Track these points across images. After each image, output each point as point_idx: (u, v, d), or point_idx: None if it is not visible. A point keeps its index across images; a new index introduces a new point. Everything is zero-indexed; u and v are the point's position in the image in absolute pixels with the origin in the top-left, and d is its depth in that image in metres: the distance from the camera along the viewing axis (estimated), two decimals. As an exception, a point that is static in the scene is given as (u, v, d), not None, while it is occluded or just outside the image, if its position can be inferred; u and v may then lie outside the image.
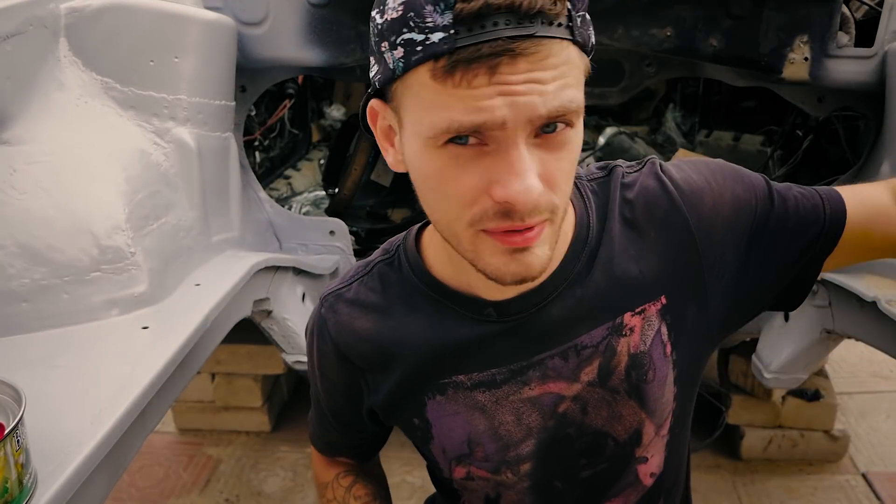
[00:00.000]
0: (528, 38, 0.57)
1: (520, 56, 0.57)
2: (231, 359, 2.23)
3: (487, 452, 0.83)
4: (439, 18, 0.57)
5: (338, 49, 1.63)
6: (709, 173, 0.80)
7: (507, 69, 0.57)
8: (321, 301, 0.87)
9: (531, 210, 0.61)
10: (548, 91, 0.58)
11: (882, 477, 2.07)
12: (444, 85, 0.58)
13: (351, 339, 0.84)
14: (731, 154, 2.52)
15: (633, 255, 0.78)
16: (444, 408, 0.82)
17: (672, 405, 0.83)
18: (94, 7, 1.22)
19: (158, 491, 2.11)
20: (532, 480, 0.84)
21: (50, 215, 1.05)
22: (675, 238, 0.78)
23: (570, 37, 0.59)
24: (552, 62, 0.58)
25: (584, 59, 0.63)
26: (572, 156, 0.64)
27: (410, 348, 0.81)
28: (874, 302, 1.20)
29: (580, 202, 0.80)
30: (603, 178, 0.82)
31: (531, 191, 0.60)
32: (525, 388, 0.80)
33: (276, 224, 1.81)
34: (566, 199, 0.66)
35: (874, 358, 2.62)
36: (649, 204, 0.78)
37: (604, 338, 0.78)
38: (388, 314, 0.83)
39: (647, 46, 1.59)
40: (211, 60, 1.43)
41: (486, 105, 0.58)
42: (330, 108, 2.80)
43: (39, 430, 0.72)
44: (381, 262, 0.85)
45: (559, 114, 0.59)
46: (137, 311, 1.09)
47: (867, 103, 1.60)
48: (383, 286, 0.84)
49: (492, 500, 0.88)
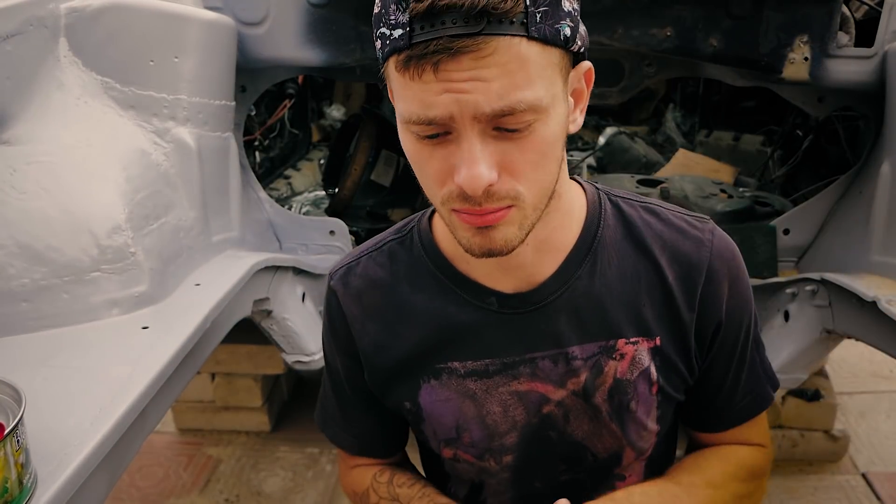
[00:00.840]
0: (470, 37, 0.59)
1: (462, 54, 0.59)
2: (231, 359, 2.23)
3: (474, 438, 0.85)
4: (401, 16, 0.61)
5: (338, 49, 1.63)
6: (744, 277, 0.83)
7: (450, 66, 0.60)
8: (330, 276, 0.90)
9: (484, 196, 0.65)
10: (491, 90, 0.60)
11: (882, 477, 2.07)
12: (404, 78, 0.63)
13: (359, 311, 0.86)
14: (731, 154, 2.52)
15: (644, 289, 0.80)
16: (437, 393, 0.84)
17: (653, 439, 0.85)
18: (94, 7, 1.22)
19: (158, 491, 2.11)
20: (513, 473, 0.87)
21: (50, 215, 1.05)
22: (686, 296, 0.80)
23: (522, 33, 0.60)
24: (497, 60, 0.60)
25: (550, 54, 0.63)
26: (539, 146, 0.65)
27: (412, 327, 0.84)
28: (874, 302, 1.20)
29: (594, 210, 0.81)
30: (643, 205, 0.84)
31: (478, 179, 0.63)
32: (514, 382, 0.82)
33: (276, 224, 1.81)
34: (539, 187, 0.68)
35: (874, 358, 2.62)
36: (681, 254, 0.80)
37: (594, 354, 0.80)
38: (393, 291, 0.85)
39: (647, 46, 1.59)
40: (211, 60, 1.43)
41: (434, 101, 0.62)
42: (330, 108, 2.80)
43: (39, 430, 0.72)
44: (393, 241, 0.87)
45: (506, 113, 0.61)
46: (137, 311, 1.09)
47: (867, 103, 1.60)
48: (391, 263, 0.86)
49: (476, 486, 0.90)
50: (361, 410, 0.94)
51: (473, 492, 0.91)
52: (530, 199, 0.68)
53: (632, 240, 0.81)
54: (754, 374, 0.88)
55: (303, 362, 1.56)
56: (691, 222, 0.82)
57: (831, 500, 1.99)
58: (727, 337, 0.83)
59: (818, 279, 1.43)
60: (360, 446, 0.97)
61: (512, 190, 0.66)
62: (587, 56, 0.73)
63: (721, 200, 1.98)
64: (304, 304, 1.59)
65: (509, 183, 0.66)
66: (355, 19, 1.61)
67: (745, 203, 1.95)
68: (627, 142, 2.64)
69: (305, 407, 2.44)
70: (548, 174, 0.69)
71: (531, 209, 0.69)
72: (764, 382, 0.89)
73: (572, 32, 0.64)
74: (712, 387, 0.86)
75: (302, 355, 1.55)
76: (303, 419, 2.37)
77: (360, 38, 1.62)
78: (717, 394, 0.87)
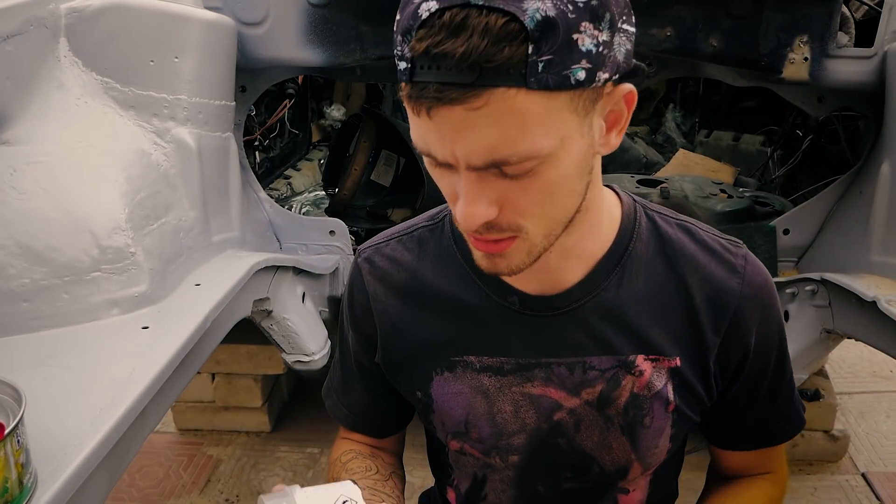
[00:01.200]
0: (462, 87, 0.56)
1: (454, 104, 0.57)
2: (231, 359, 2.22)
3: (482, 435, 0.85)
4: (406, 50, 0.59)
5: (338, 49, 1.63)
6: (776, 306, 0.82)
7: (443, 113, 0.58)
8: (358, 252, 0.90)
9: (485, 228, 0.65)
10: (482, 143, 0.58)
11: (882, 477, 2.07)
12: (410, 109, 0.62)
13: (381, 291, 0.86)
14: (731, 154, 2.52)
15: (669, 307, 0.79)
16: (449, 385, 0.84)
17: (663, 456, 0.85)
18: (94, 7, 1.22)
19: (158, 491, 2.11)
20: (517, 473, 0.87)
21: (50, 215, 1.05)
22: (712, 319, 0.79)
23: (520, 84, 0.56)
24: (489, 111, 0.57)
25: (556, 100, 0.58)
26: (544, 186, 0.63)
27: (432, 315, 0.84)
28: (874, 302, 1.20)
29: (628, 222, 0.80)
30: (679, 223, 0.82)
31: (472, 218, 0.63)
32: (528, 384, 0.82)
33: (276, 224, 1.80)
34: (548, 222, 0.67)
35: (874, 358, 2.61)
36: (712, 277, 0.79)
37: (612, 367, 0.79)
38: (418, 276, 0.85)
39: (646, 46, 1.58)
40: (211, 60, 1.43)
41: (431, 140, 0.61)
42: (330, 108, 2.80)
43: (39, 430, 0.72)
44: (424, 228, 0.87)
45: (499, 164, 0.60)
46: (137, 311, 1.09)
47: (867, 103, 1.60)
48: (420, 248, 0.86)
49: (479, 480, 0.90)
50: (361, 387, 0.95)
51: (476, 486, 0.91)
52: (537, 230, 0.66)
53: (663, 257, 0.79)
54: (782, 403, 0.87)
55: (303, 362, 1.56)
56: (725, 246, 0.81)
57: (831, 500, 1.99)
58: (755, 364, 0.82)
59: (818, 279, 1.43)
60: (353, 421, 0.98)
61: (514, 223, 0.65)
62: (638, 72, 0.67)
63: (721, 200, 1.98)
64: (304, 304, 1.59)
65: (511, 217, 0.65)
66: (355, 19, 1.61)
67: (745, 203, 1.95)
68: (627, 142, 2.64)
69: (305, 407, 2.44)
70: (559, 208, 0.67)
71: (540, 238, 0.67)
72: (792, 410, 0.88)
73: (590, 73, 0.59)
74: (737, 410, 0.85)
75: (302, 355, 1.55)
76: (303, 419, 2.37)
77: (360, 38, 1.62)
78: (741, 417, 0.86)
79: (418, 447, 1.02)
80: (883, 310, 1.17)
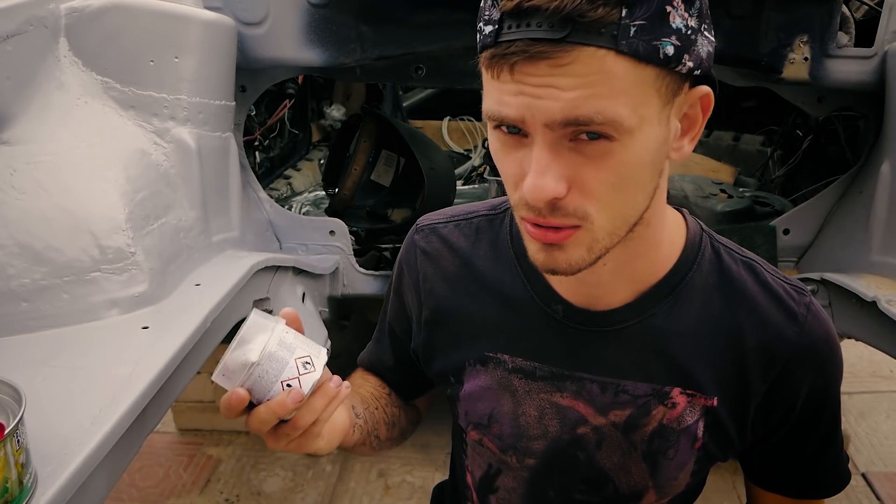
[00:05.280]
0: (551, 42, 0.55)
1: (540, 59, 0.56)
2: (231, 359, 2.22)
3: (503, 432, 0.84)
4: (494, 13, 0.59)
5: (338, 49, 1.63)
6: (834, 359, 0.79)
7: (527, 69, 0.57)
8: (417, 226, 0.90)
9: (549, 209, 0.62)
10: (565, 98, 0.57)
11: (882, 477, 2.07)
12: (488, 74, 0.61)
13: (431, 272, 0.86)
14: (731, 154, 2.52)
15: (718, 345, 0.76)
16: (480, 378, 0.84)
17: (682, 488, 0.83)
18: (94, 7, 1.22)
19: (158, 491, 2.11)
20: (531, 475, 0.86)
21: (50, 215, 1.05)
22: (761, 365, 0.76)
23: (610, 46, 0.55)
24: (576, 70, 0.56)
25: (643, 72, 0.57)
26: (617, 168, 0.61)
27: (477, 305, 0.83)
28: (874, 302, 1.20)
29: (691, 251, 0.77)
30: (744, 259, 0.79)
31: (541, 190, 0.60)
32: (557, 394, 0.80)
33: (276, 224, 1.80)
34: (615, 213, 0.64)
35: (874, 358, 2.62)
36: (769, 322, 0.76)
37: (646, 395, 0.78)
38: (470, 264, 0.84)
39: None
40: (211, 60, 1.43)
41: (507, 101, 0.59)
42: (330, 108, 2.79)
43: (39, 430, 0.72)
44: (484, 217, 0.86)
45: (580, 123, 0.58)
46: (137, 311, 1.09)
47: (867, 103, 1.60)
48: (476, 237, 0.85)
49: (493, 471, 0.90)
50: (388, 346, 0.98)
51: (488, 476, 0.91)
52: (602, 222, 0.63)
53: (721, 293, 0.76)
54: (829, 458, 0.85)
55: (303, 362, 1.56)
56: (789, 292, 0.77)
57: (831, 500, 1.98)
58: (804, 415, 0.79)
59: (818, 279, 1.43)
60: (372, 367, 1.02)
61: (580, 209, 0.62)
62: (713, 79, 0.66)
63: (721, 200, 1.98)
64: (304, 304, 1.59)
65: (578, 200, 0.62)
66: (355, 19, 1.61)
67: (745, 203, 1.95)
68: (627, 142, 2.63)
69: (305, 407, 2.43)
70: (628, 200, 0.64)
71: (604, 234, 0.64)
72: (840, 466, 0.86)
73: (678, 52, 0.58)
74: (782, 457, 0.84)
75: (302, 355, 1.55)
76: (303, 419, 2.37)
77: (360, 38, 1.62)
78: (786, 464, 0.84)
79: (418, 447, 1.02)
80: (883, 310, 1.17)
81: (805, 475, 0.86)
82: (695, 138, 0.68)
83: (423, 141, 2.19)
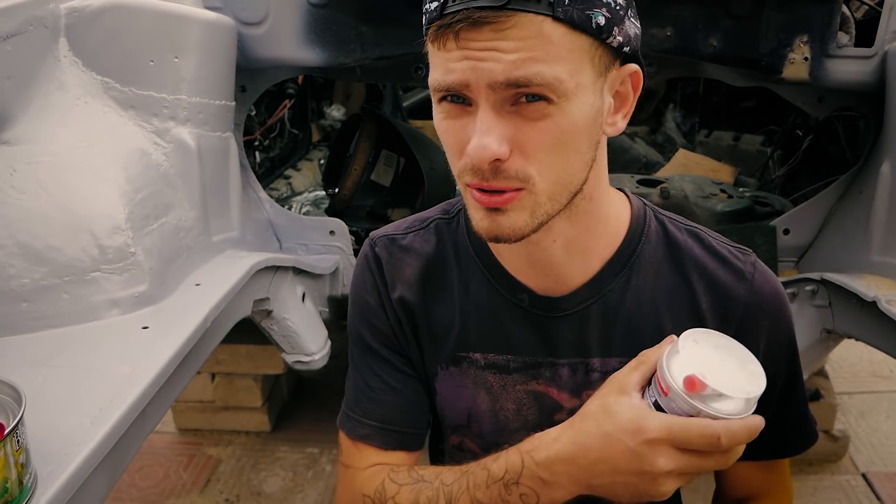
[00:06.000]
0: (493, 10, 0.60)
1: (483, 24, 0.61)
2: (231, 359, 2.22)
3: (483, 430, 0.85)
4: None
5: (338, 49, 1.63)
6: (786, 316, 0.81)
7: (471, 35, 0.62)
8: (372, 241, 0.88)
9: (492, 172, 0.65)
10: (506, 59, 0.61)
11: (882, 477, 2.07)
12: (434, 47, 0.65)
13: (401, 280, 0.86)
14: (731, 154, 2.52)
15: (675, 311, 0.79)
16: (454, 379, 0.84)
17: None
18: (94, 7, 1.22)
19: (158, 491, 2.11)
20: None
21: (50, 215, 1.05)
22: (717, 325, 0.77)
23: (547, 12, 0.61)
24: (517, 34, 0.61)
25: (578, 39, 0.63)
26: (555, 130, 0.65)
27: (446, 307, 0.84)
28: (874, 302, 1.20)
29: (638, 225, 0.80)
30: (688, 228, 0.82)
31: (485, 149, 0.63)
32: (532, 382, 0.82)
33: (276, 224, 1.80)
34: (554, 176, 0.67)
35: (874, 358, 2.62)
36: (719, 283, 0.79)
37: (614, 369, 0.78)
38: (437, 268, 0.85)
39: (647, 46, 1.58)
40: (211, 60, 1.43)
41: (453, 67, 0.63)
42: (330, 108, 2.80)
43: (39, 430, 0.72)
44: (440, 220, 0.87)
45: (520, 83, 0.62)
46: (137, 311, 1.09)
47: (867, 103, 1.59)
48: (438, 240, 0.86)
49: None
50: (383, 385, 0.86)
51: None
52: (543, 185, 0.67)
53: (671, 261, 0.80)
54: (791, 415, 0.85)
55: (303, 362, 1.56)
56: (734, 253, 0.81)
57: (831, 500, 1.99)
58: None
59: (818, 279, 1.43)
60: (387, 431, 0.86)
61: (522, 171, 0.65)
62: (641, 61, 0.71)
63: (721, 200, 1.98)
64: (304, 304, 1.59)
65: (520, 162, 0.65)
66: (355, 19, 1.61)
67: (745, 203, 1.95)
68: (627, 142, 2.64)
69: (305, 407, 2.44)
70: (566, 164, 0.67)
71: (545, 197, 0.67)
72: (804, 424, 0.87)
73: (608, 23, 0.63)
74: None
75: (302, 355, 1.55)
76: (303, 419, 2.37)
77: (360, 38, 1.62)
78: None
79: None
80: (883, 310, 1.17)
81: (767, 435, 0.86)
82: (627, 115, 0.72)
83: (423, 141, 2.19)
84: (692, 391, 0.62)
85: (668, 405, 0.64)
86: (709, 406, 0.62)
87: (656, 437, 0.62)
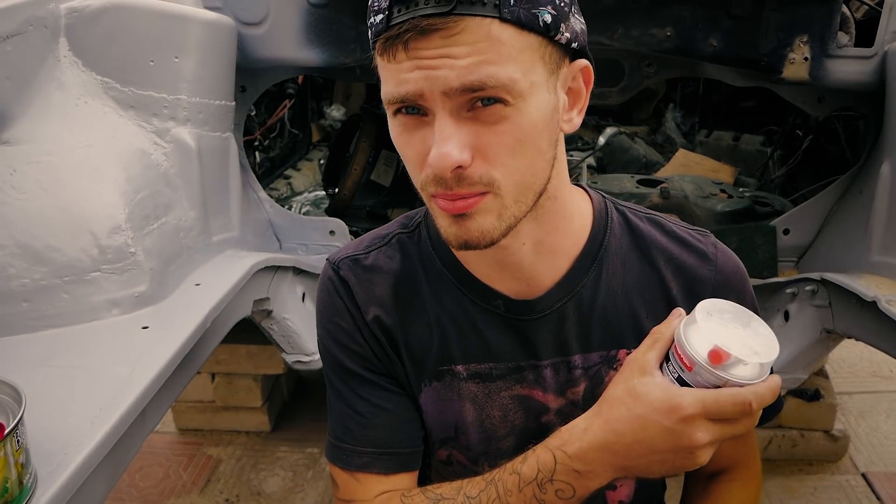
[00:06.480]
0: (440, 16, 0.60)
1: (432, 32, 0.60)
2: (231, 359, 2.22)
3: (471, 441, 0.84)
4: (382, 2, 0.63)
5: (338, 49, 1.63)
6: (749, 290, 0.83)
7: (421, 44, 0.61)
8: (334, 264, 0.85)
9: (455, 180, 0.64)
10: (459, 65, 0.61)
11: (882, 477, 2.07)
12: (383, 60, 0.65)
13: (371, 301, 0.83)
14: (731, 154, 2.52)
15: (648, 300, 0.80)
16: (438, 393, 0.83)
17: None
18: (94, 7, 1.22)
19: (158, 491, 2.11)
20: None
21: (50, 215, 1.05)
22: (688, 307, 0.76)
23: (494, 14, 0.60)
24: (467, 38, 0.61)
25: (527, 39, 0.63)
26: (514, 132, 0.64)
27: (420, 323, 0.82)
28: (874, 302, 1.20)
29: (601, 219, 0.81)
30: (647, 216, 0.84)
31: (446, 157, 0.63)
32: (517, 386, 0.82)
33: (276, 224, 1.80)
34: (518, 177, 0.67)
35: (874, 358, 2.62)
36: (685, 266, 0.81)
37: (595, 364, 0.80)
38: (405, 284, 0.83)
39: (647, 46, 1.59)
40: (211, 60, 1.43)
41: (405, 78, 0.63)
42: (330, 108, 2.80)
43: (39, 430, 0.72)
44: (402, 234, 0.86)
45: (475, 87, 0.61)
46: (137, 311, 1.09)
47: (867, 103, 1.59)
48: (402, 256, 0.84)
49: None
50: (373, 409, 0.83)
51: None
52: (508, 187, 0.66)
53: (637, 250, 0.81)
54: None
55: (303, 362, 1.56)
56: (695, 235, 0.83)
57: (831, 500, 1.99)
58: None
59: (818, 279, 1.43)
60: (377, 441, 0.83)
61: (486, 175, 0.65)
62: (590, 57, 0.72)
63: (721, 200, 1.98)
64: (304, 304, 1.59)
65: (483, 167, 0.65)
66: (355, 19, 1.61)
67: (745, 203, 1.95)
68: (627, 142, 2.64)
69: (305, 407, 2.44)
70: (528, 164, 0.67)
71: (511, 199, 0.67)
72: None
73: (554, 20, 0.64)
74: None
75: (302, 355, 1.55)
76: (303, 419, 2.37)
77: (360, 38, 1.62)
78: None
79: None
80: (883, 310, 1.17)
81: None
82: (582, 111, 0.72)
83: (423, 141, 2.18)
84: (717, 363, 0.63)
85: (693, 379, 0.65)
86: (733, 375, 0.64)
87: (692, 413, 0.63)
